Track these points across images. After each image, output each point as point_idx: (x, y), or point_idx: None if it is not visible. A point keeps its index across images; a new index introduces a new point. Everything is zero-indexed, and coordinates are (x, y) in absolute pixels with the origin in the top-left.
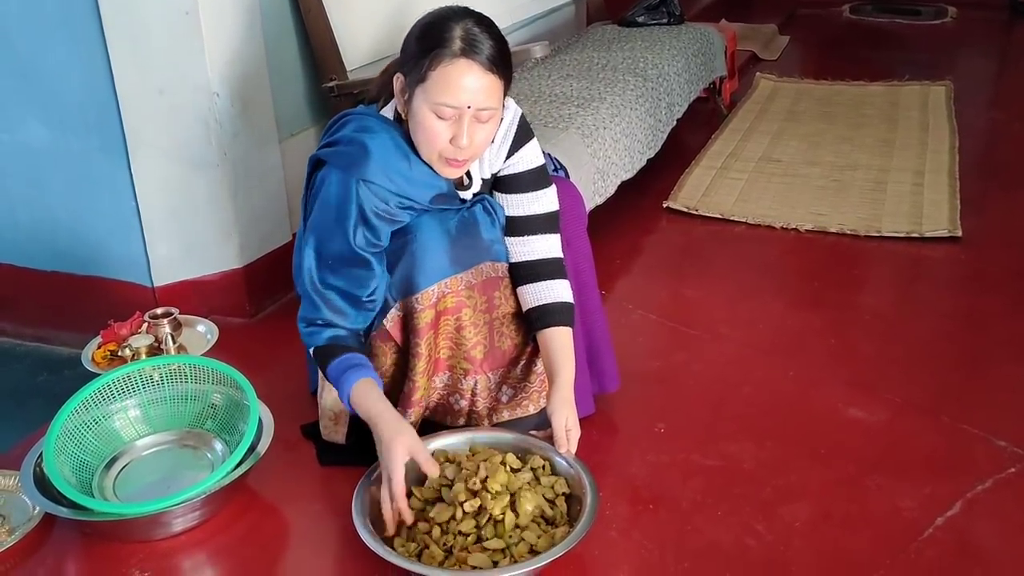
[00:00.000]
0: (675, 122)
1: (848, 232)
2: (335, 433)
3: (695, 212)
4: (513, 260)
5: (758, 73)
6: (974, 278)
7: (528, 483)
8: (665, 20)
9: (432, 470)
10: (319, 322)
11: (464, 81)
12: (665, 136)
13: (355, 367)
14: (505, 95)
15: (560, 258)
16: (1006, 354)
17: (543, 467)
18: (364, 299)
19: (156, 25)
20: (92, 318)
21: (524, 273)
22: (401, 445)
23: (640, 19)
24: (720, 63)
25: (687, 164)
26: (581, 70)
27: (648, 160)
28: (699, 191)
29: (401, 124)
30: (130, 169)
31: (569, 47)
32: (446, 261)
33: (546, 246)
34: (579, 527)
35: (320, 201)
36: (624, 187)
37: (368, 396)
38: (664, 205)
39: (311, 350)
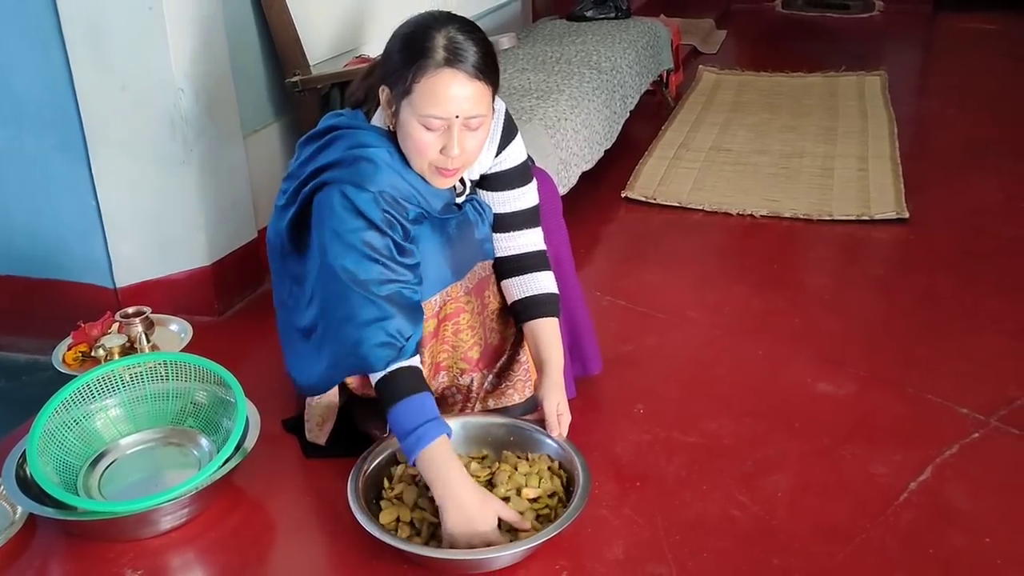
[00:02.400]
0: (628, 114)
1: (801, 217)
2: (318, 437)
3: (653, 201)
4: (498, 255)
5: (700, 66)
6: (923, 257)
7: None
8: (613, 14)
9: (525, 525)
10: (391, 329)
11: (450, 92)
12: (620, 127)
13: (431, 422)
14: (493, 100)
15: (543, 250)
16: (960, 327)
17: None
18: (419, 302)
19: (118, 21)
20: (52, 322)
21: (510, 267)
22: (491, 511)
23: (588, 13)
24: (667, 56)
25: (640, 155)
26: (536, 63)
27: (604, 151)
28: (655, 180)
29: (392, 135)
30: (90, 168)
31: (521, 41)
32: (448, 271)
33: (530, 239)
34: (572, 507)
35: (339, 215)
36: (582, 178)
37: (444, 459)
38: (622, 195)
39: (388, 370)
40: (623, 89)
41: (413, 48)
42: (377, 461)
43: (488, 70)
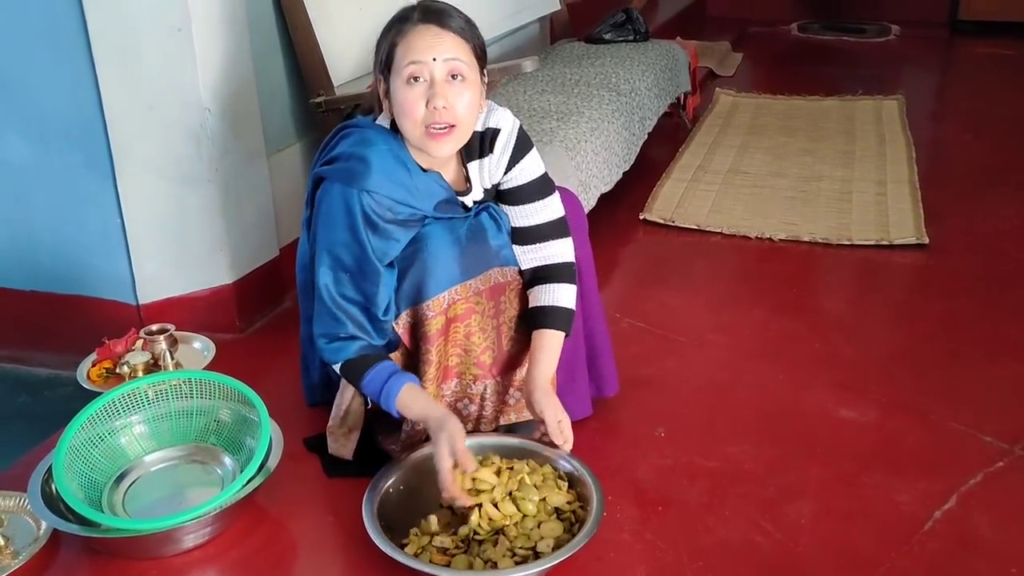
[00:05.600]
0: (646, 136)
1: (820, 241)
2: (343, 448)
3: (671, 223)
4: (525, 267)
5: (717, 88)
6: (942, 282)
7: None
8: (631, 37)
9: (468, 464)
10: (343, 336)
11: (426, 40)
12: (638, 150)
13: (395, 375)
14: (481, 66)
15: (570, 263)
16: (980, 354)
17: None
18: (380, 318)
19: (147, 41)
20: (74, 338)
21: (534, 276)
22: (446, 435)
23: (607, 36)
24: (685, 79)
25: (657, 177)
26: (555, 86)
27: (623, 173)
28: (673, 203)
29: (397, 133)
30: (116, 186)
31: (541, 64)
32: (456, 269)
33: (558, 250)
34: (586, 529)
35: (324, 216)
36: (600, 200)
37: (417, 399)
38: (641, 217)
39: (339, 365)
40: (641, 111)
41: (392, 22)
42: (393, 479)
43: (466, 27)
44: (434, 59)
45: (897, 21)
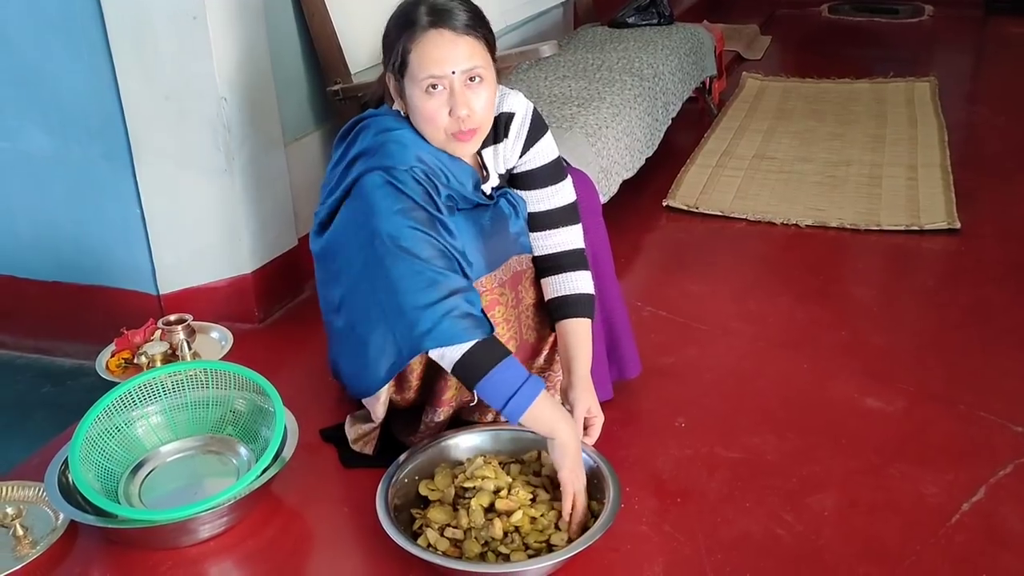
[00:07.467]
0: (670, 121)
1: (848, 227)
2: (367, 447)
3: (695, 210)
4: (537, 253)
5: (744, 72)
6: (974, 269)
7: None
8: (656, 21)
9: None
10: (466, 301)
11: (441, 50)
12: (662, 135)
13: (526, 383)
14: (493, 57)
15: (581, 248)
16: (1012, 342)
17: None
18: (471, 275)
19: (163, 31)
20: (95, 328)
21: (547, 265)
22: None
23: (631, 20)
24: (710, 63)
25: (682, 163)
26: (577, 71)
27: (646, 159)
28: (697, 189)
29: (409, 122)
30: (135, 176)
31: (562, 49)
32: (482, 262)
33: (568, 237)
34: (600, 522)
35: (382, 198)
36: (623, 186)
37: (549, 413)
38: (664, 203)
39: (468, 346)
40: (665, 96)
41: (399, 24)
42: (408, 469)
43: (476, 24)
44: (453, 72)
45: (930, 1)
